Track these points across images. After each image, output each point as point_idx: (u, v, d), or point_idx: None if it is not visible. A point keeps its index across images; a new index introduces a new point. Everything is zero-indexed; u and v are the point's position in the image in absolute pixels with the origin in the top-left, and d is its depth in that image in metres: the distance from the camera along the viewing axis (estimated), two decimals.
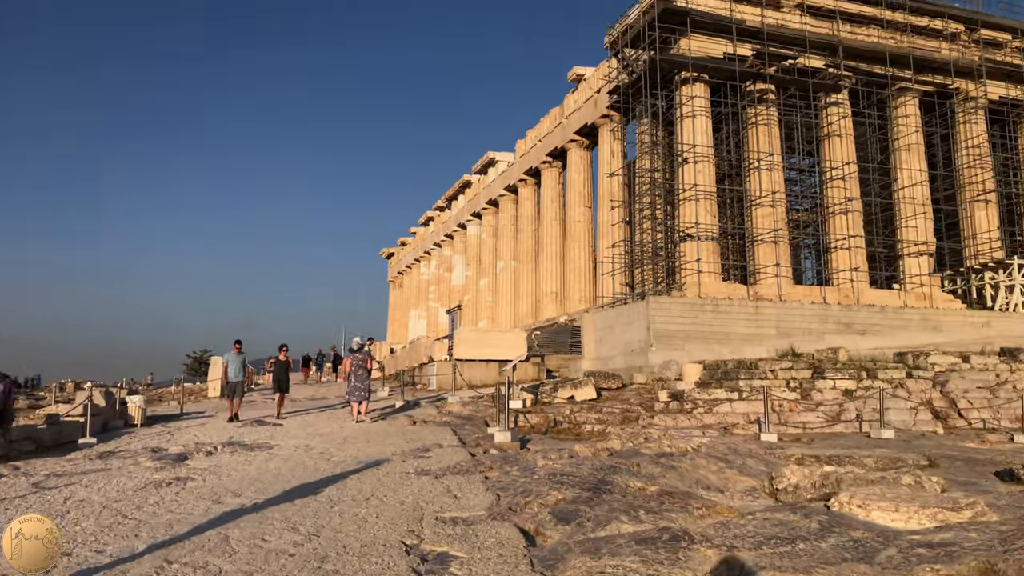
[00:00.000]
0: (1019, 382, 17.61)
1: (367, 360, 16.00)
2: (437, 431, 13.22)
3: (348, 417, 16.03)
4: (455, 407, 16.51)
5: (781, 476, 7.09)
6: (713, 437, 10.03)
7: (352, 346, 16.31)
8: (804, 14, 29.54)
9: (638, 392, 17.72)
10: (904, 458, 8.54)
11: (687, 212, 27.55)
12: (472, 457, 9.79)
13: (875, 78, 30.48)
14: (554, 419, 14.27)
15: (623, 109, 31.40)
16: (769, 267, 27.46)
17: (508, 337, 22.97)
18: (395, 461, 9.80)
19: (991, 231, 31.31)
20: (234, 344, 16.69)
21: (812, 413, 15.09)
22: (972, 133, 32.07)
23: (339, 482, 8.45)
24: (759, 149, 28.60)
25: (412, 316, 63.31)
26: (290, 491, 8.02)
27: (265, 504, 7.37)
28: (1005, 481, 7.85)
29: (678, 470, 7.64)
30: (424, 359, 24.65)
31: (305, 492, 7.93)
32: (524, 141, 43.44)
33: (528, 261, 42.68)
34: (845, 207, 29.17)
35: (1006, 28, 32.56)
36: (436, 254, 59.92)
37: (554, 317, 37.14)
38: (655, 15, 27.11)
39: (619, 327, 23.36)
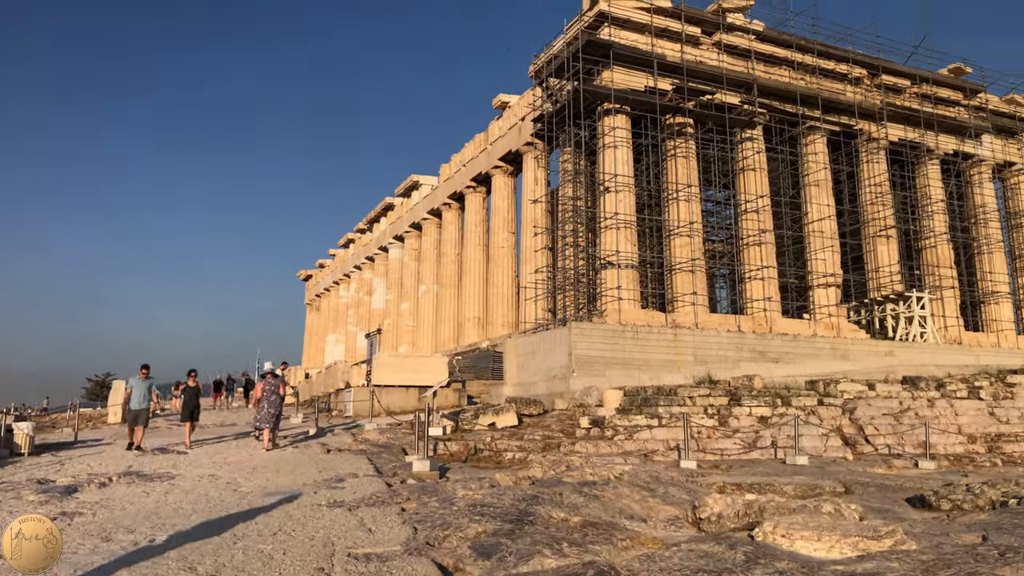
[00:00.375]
0: (920, 409, 18.35)
1: (280, 385, 15.35)
2: (352, 460, 12.70)
3: (258, 445, 15.30)
4: (372, 434, 15.99)
5: (704, 505, 7.01)
6: (635, 465, 9.95)
7: (263, 370, 15.61)
8: (722, 52, 30.58)
9: (559, 418, 17.59)
10: (821, 485, 8.64)
11: (608, 240, 27.87)
12: (388, 487, 9.38)
13: (787, 116, 31.77)
14: (475, 447, 13.96)
15: (547, 137, 31.72)
16: (687, 295, 28.01)
17: (429, 362, 22.54)
18: (306, 492, 9.30)
19: (892, 265, 32.89)
20: (140, 369, 15.74)
21: (729, 440, 15.27)
22: (874, 172, 33.75)
23: (244, 515, 7.92)
24: (678, 180, 29.29)
25: (330, 340, 61.83)
26: (190, 526, 7.45)
27: (161, 541, 6.80)
28: (917, 507, 8.00)
29: (601, 499, 7.47)
30: (341, 384, 23.93)
31: (207, 527, 7.38)
32: (448, 165, 43.32)
33: (451, 286, 42.36)
34: (759, 239, 30.13)
35: (905, 75, 34.56)
36: (356, 277, 58.86)
37: (476, 342, 36.86)
38: (579, 47, 27.53)
39: (541, 353, 23.29)
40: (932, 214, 34.30)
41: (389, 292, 51.16)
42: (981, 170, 36.36)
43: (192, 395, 16.30)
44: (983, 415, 18.95)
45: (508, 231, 37.06)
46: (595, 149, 30.23)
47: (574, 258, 29.23)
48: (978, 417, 18.78)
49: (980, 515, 6.44)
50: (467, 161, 40.53)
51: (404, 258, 49.36)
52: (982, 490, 7.60)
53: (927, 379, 21.26)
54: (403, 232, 49.09)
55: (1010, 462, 15.77)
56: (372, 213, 54.68)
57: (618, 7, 28.43)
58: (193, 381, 16.91)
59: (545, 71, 30.18)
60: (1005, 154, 37.11)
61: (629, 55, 28.29)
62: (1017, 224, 37.34)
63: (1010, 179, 37.95)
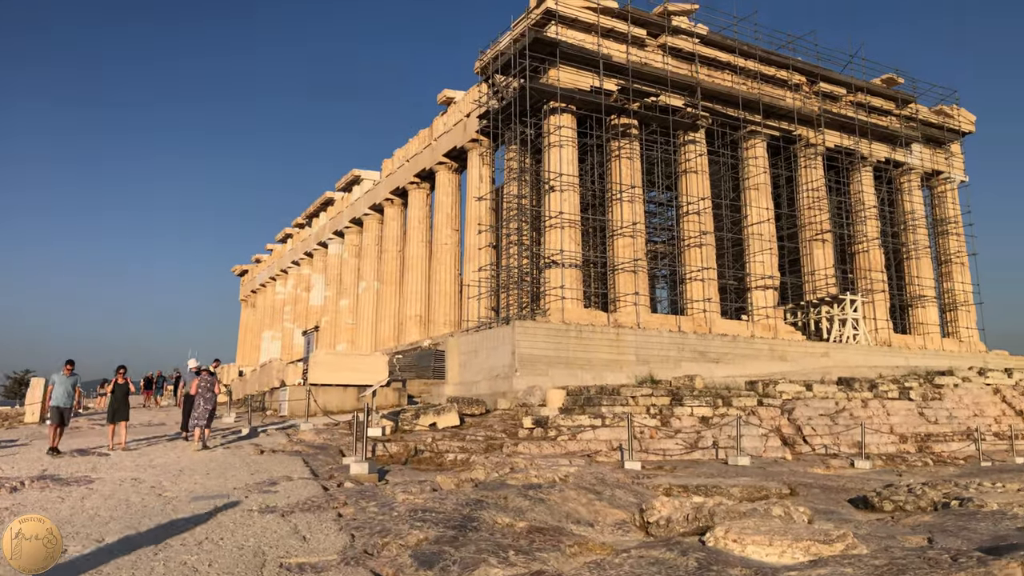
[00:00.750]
0: (855, 409, 18.74)
1: (215, 383, 14.69)
2: (287, 461, 12.19)
3: (187, 446, 14.61)
4: (308, 435, 15.45)
5: (652, 509, 6.85)
6: (580, 466, 9.76)
7: (189, 366, 14.91)
8: (666, 54, 30.81)
9: (502, 418, 17.34)
10: (767, 487, 8.59)
11: (552, 239, 27.76)
12: (325, 491, 8.96)
13: (729, 120, 32.20)
14: (415, 448, 13.59)
15: (492, 134, 31.45)
16: (629, 295, 28.11)
17: (368, 361, 22.01)
18: (237, 496, 8.80)
19: (827, 268, 33.70)
20: (65, 364, 14.81)
21: (672, 440, 15.26)
22: (812, 177, 34.53)
23: (168, 523, 7.42)
24: (622, 181, 29.37)
25: (265, 337, 60.29)
26: (107, 535, 6.92)
27: (73, 554, 6.28)
28: (860, 508, 8.01)
29: (547, 503, 7.23)
30: (276, 383, 23.20)
31: (126, 536, 6.87)
32: (391, 160, 42.63)
33: (392, 283, 41.69)
34: (700, 240, 30.47)
35: (841, 83, 35.47)
36: (294, 273, 57.53)
37: (418, 341, 36.33)
38: (526, 44, 27.33)
39: (484, 351, 23.00)
40: (865, 220, 35.28)
41: (328, 289, 50.12)
42: (911, 178, 37.59)
43: (122, 393, 15.39)
44: (913, 415, 19.47)
45: (452, 228, 36.64)
46: (540, 147, 30.10)
47: (518, 256, 29.04)
48: (909, 417, 19.29)
49: (923, 516, 6.44)
50: (411, 156, 39.95)
51: (344, 254, 48.43)
52: (923, 491, 7.65)
53: (861, 380, 21.77)
54: (343, 228, 48.15)
55: (940, 461, 16.19)
56: (311, 208, 53.51)
57: (565, 6, 28.34)
58: (123, 378, 16.03)
59: (491, 67, 29.90)
60: (933, 163, 38.45)
61: (576, 54, 28.24)
62: (943, 231, 38.73)
63: (937, 187, 39.35)
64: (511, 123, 29.59)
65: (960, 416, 20.23)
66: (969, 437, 19.03)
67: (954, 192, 39.15)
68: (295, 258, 56.83)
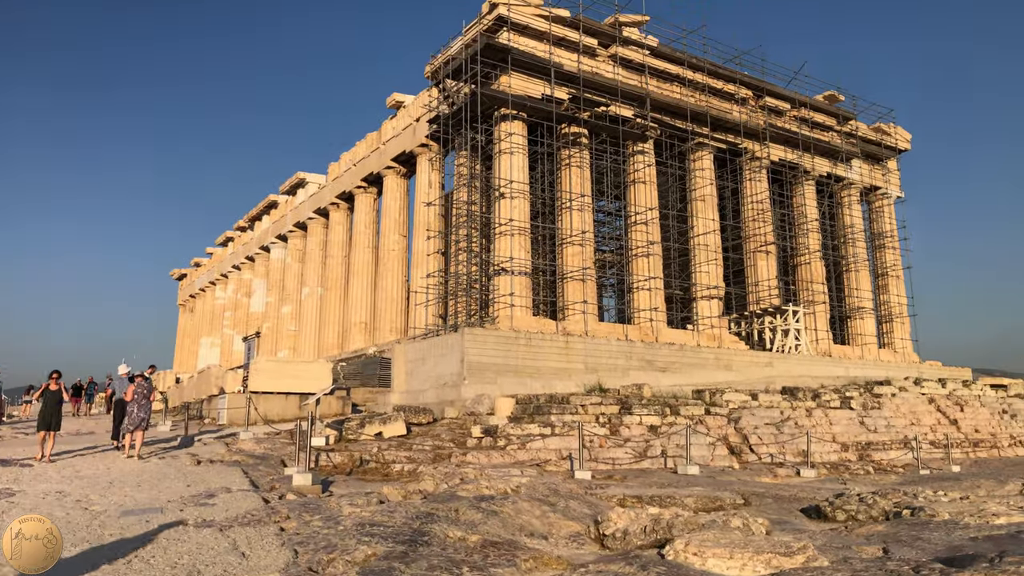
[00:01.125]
0: (800, 419, 19.00)
1: (151, 390, 14.01)
2: (225, 472, 11.67)
3: (117, 456, 13.90)
4: (248, 444, 14.89)
5: (607, 520, 6.67)
6: (532, 476, 9.55)
7: (120, 372, 14.21)
8: (617, 65, 31.01)
9: (450, 427, 17.03)
10: (721, 497, 8.52)
11: (502, 246, 27.58)
12: (266, 504, 8.54)
13: (677, 131, 32.57)
14: (360, 458, 13.18)
15: (443, 140, 31.16)
16: (577, 304, 28.09)
17: (311, 368, 21.43)
18: (171, 510, 8.31)
19: (771, 279, 34.33)
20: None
21: (621, 449, 15.18)
22: (756, 190, 35.17)
23: (94, 540, 6.93)
24: (571, 190, 29.39)
25: (204, 343, 58.58)
26: None
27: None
28: (813, 518, 7.99)
29: (500, 515, 6.98)
30: (215, 390, 22.43)
31: None
32: (338, 164, 41.94)
33: (337, 289, 40.94)
34: (647, 250, 30.67)
35: (786, 98, 36.27)
36: (235, 277, 56.08)
37: (363, 348, 35.71)
38: (478, 49, 27.16)
39: (432, 359, 22.65)
40: (807, 232, 36.07)
41: (270, 294, 48.98)
42: (851, 192, 38.63)
43: (53, 400, 14.48)
44: (854, 424, 19.84)
45: (399, 234, 36.18)
46: (491, 154, 29.92)
47: (467, 263, 28.77)
48: (850, 426, 19.64)
49: (876, 526, 6.42)
50: (358, 160, 39.35)
51: (287, 259, 47.41)
52: (874, 501, 7.66)
53: (804, 390, 22.13)
54: (287, 232, 47.14)
55: (881, 470, 16.50)
56: (254, 211, 52.28)
57: (517, 13, 28.28)
58: (56, 384, 15.13)
59: (442, 72, 29.62)
60: (871, 179, 39.61)
61: (527, 61, 28.18)
62: (880, 245, 39.89)
63: (875, 202, 40.54)
64: (462, 128, 29.36)
65: (898, 425, 20.71)
66: (907, 446, 19.49)
67: (891, 207, 40.38)
68: (236, 262, 55.42)
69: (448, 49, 30.34)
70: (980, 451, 20.91)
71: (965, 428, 22.09)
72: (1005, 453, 21.48)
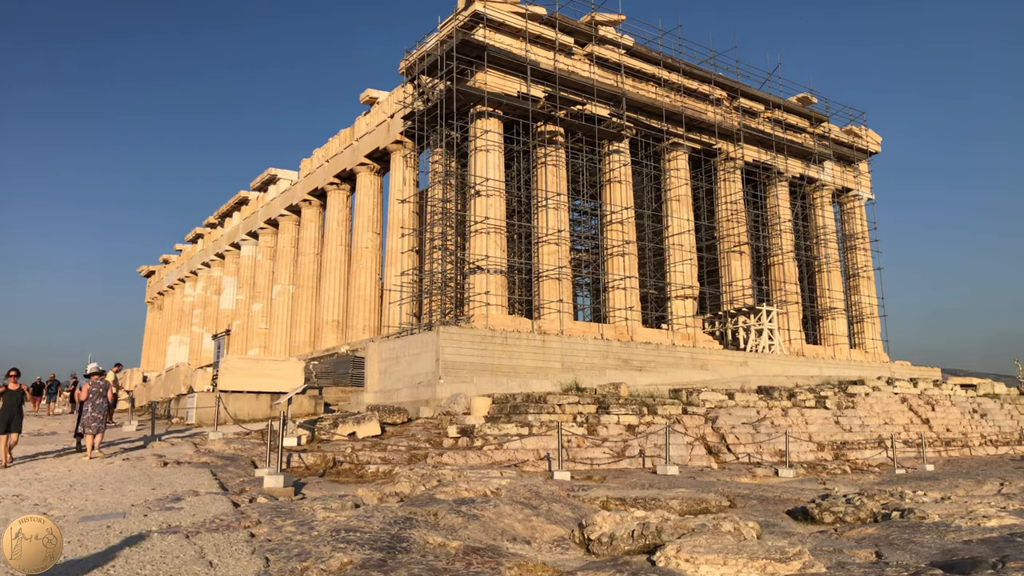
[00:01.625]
0: (776, 418, 18.99)
1: (108, 388, 13.52)
2: (193, 474, 11.26)
3: (79, 457, 13.40)
4: (217, 445, 14.46)
5: (593, 524, 6.44)
6: (512, 478, 9.31)
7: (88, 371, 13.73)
8: (593, 64, 30.89)
9: (425, 427, 16.72)
10: (707, 499, 8.35)
11: (478, 244, 27.31)
12: (235, 508, 8.19)
13: (652, 131, 32.54)
14: (334, 459, 12.84)
15: (417, 136, 30.79)
16: (553, 303, 27.92)
17: (283, 367, 20.98)
18: (134, 515, 7.93)
19: (744, 279, 34.45)
20: None
21: (599, 449, 15.00)
22: (730, 190, 35.28)
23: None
24: (547, 188, 29.20)
25: (172, 341, 57.51)
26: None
27: None
28: (800, 520, 7.85)
29: (481, 520, 6.72)
30: (183, 389, 21.87)
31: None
32: (310, 160, 41.34)
33: (309, 287, 40.35)
34: (622, 249, 30.59)
35: (760, 99, 36.42)
36: (204, 274, 55.12)
37: (335, 347, 35.21)
38: (453, 45, 26.86)
39: (406, 358, 22.30)
40: (781, 233, 36.27)
41: (240, 292, 48.17)
42: (823, 194, 38.93)
43: (13, 400, 13.87)
44: (830, 424, 19.89)
45: (373, 231, 35.74)
46: (466, 152, 29.64)
47: (442, 261, 28.46)
48: (825, 426, 19.68)
49: (867, 529, 6.28)
50: (331, 156, 38.82)
51: (258, 256, 46.66)
52: (861, 502, 7.54)
53: (780, 389, 22.16)
54: (258, 228, 46.39)
55: (857, 469, 16.51)
56: (224, 207, 51.39)
57: (494, 9, 28.02)
58: (15, 383, 14.53)
59: (417, 68, 29.27)
60: (843, 180, 39.97)
61: (504, 58, 27.94)
62: (851, 246, 40.27)
63: (846, 204, 40.92)
64: (437, 125, 29.05)
65: (872, 424, 20.81)
66: (881, 445, 19.58)
67: (862, 209, 40.78)
68: (206, 259, 54.46)
69: (423, 45, 30.00)
70: (952, 450, 21.09)
71: (937, 427, 22.28)
72: (976, 452, 21.68)
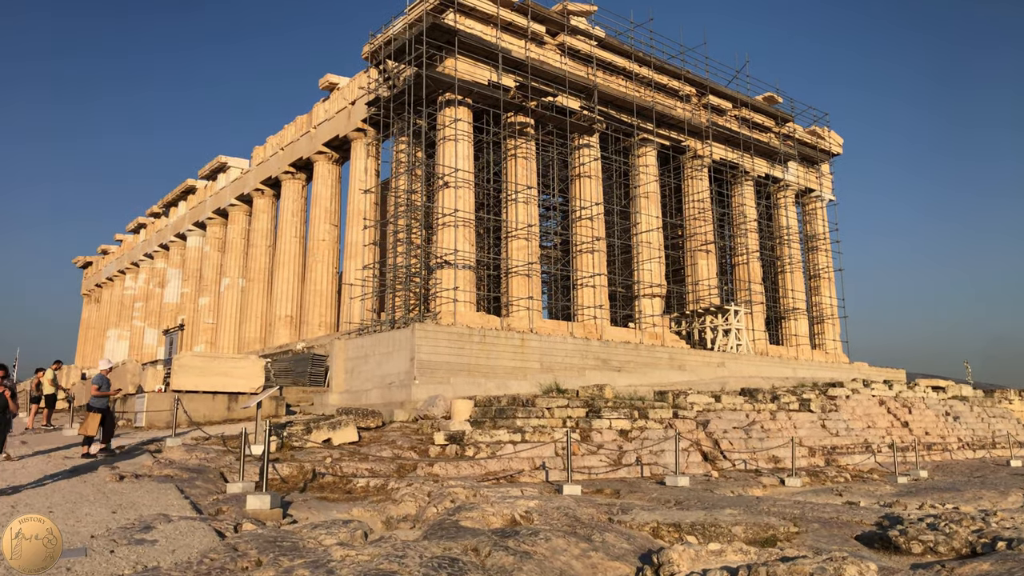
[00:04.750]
0: (764, 422, 18.38)
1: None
2: (157, 491, 9.88)
3: (4, 467, 11.79)
4: (177, 453, 13.03)
5: (668, 562, 5.47)
6: (536, 498, 8.26)
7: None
8: (564, 55, 30.01)
9: (403, 432, 15.52)
10: (772, 524, 7.44)
11: (446, 238, 26.15)
12: (221, 538, 6.93)
13: (623, 126, 31.81)
14: (313, 470, 11.58)
15: (382, 124, 29.41)
16: (523, 300, 26.96)
17: (242, 365, 19.48)
18: (99, 552, 6.58)
19: (711, 279, 34.06)
20: None
21: (595, 456, 14.07)
22: (698, 188, 34.84)
23: None
24: (518, 181, 28.21)
25: (111, 336, 54.62)
26: None
27: None
28: (878, 550, 7.00)
29: (534, 558, 5.67)
30: (131, 388, 20.17)
31: None
32: (263, 148, 39.44)
33: (260, 280, 38.48)
34: (592, 246, 29.80)
35: (728, 97, 36.07)
36: (147, 266, 52.44)
37: (288, 344, 33.55)
38: (423, 29, 25.62)
39: (376, 357, 21.01)
40: (746, 232, 36.02)
41: (186, 285, 45.86)
42: (787, 194, 38.88)
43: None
44: (817, 428, 19.40)
45: (331, 223, 34.17)
46: (433, 141, 28.42)
47: (406, 255, 27.20)
48: (813, 430, 19.18)
49: (980, 564, 5.46)
50: (286, 144, 37.05)
51: (206, 248, 44.46)
52: (952, 529, 6.74)
53: (763, 391, 21.62)
54: (206, 219, 44.18)
55: (858, 477, 15.96)
56: (170, 196, 48.89)
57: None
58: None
59: (383, 52, 27.90)
60: (806, 181, 40.01)
61: (475, 45, 26.82)
62: (813, 247, 40.36)
63: (808, 204, 41.01)
64: (403, 113, 27.75)
65: (856, 428, 20.44)
66: (869, 450, 19.19)
67: (823, 210, 40.92)
68: (149, 250, 51.81)
69: (390, 28, 28.63)
70: (934, 454, 20.88)
71: (916, 431, 22.08)
72: (956, 456, 21.54)
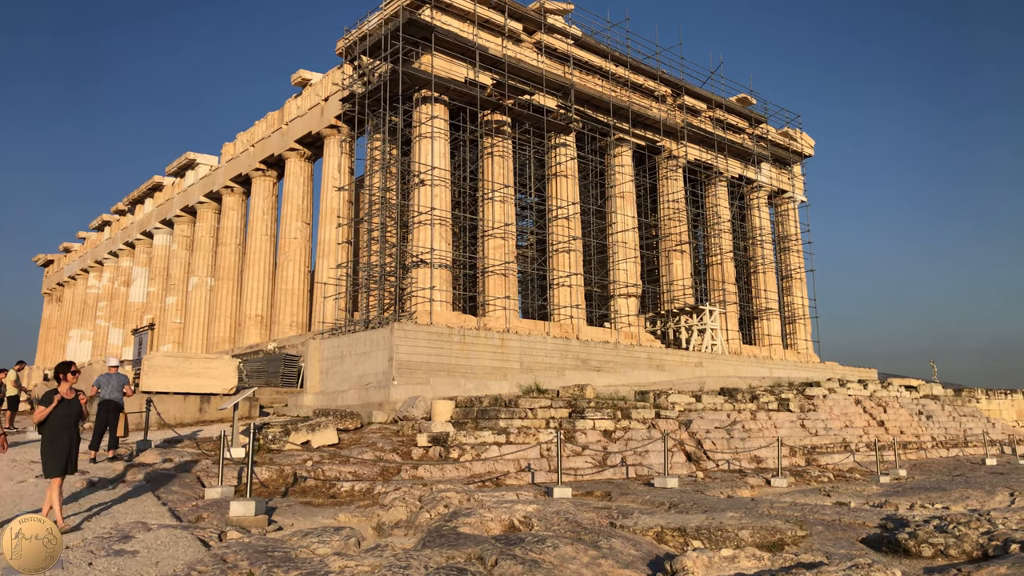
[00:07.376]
0: (745, 422, 18.36)
1: None
2: (132, 497, 9.47)
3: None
4: (151, 456, 12.57)
5: (683, 569, 5.28)
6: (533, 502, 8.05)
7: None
8: (541, 53, 29.83)
9: (383, 434, 15.19)
10: (779, 528, 7.29)
11: (422, 236, 25.80)
12: (207, 548, 6.59)
13: (599, 125, 31.72)
14: (294, 473, 11.22)
15: (356, 121, 28.95)
16: (499, 299, 26.72)
17: (214, 365, 18.96)
18: (76, 564, 6.21)
19: (685, 279, 34.13)
20: None
21: (580, 457, 13.88)
22: (672, 188, 34.90)
23: None
24: (494, 180, 27.96)
25: (73, 336, 53.22)
26: None
27: None
28: (886, 553, 6.89)
29: (543, 567, 5.44)
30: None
31: None
32: (233, 145, 38.69)
33: (230, 279, 37.74)
34: (568, 246, 29.66)
35: (703, 98, 36.20)
36: (112, 265, 51.19)
37: (259, 344, 32.93)
38: (399, 24, 25.25)
39: (352, 357, 20.61)
40: (720, 233, 36.18)
41: (152, 284, 44.84)
42: (759, 195, 39.14)
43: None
44: (797, 427, 19.44)
45: (303, 221, 33.63)
46: (409, 139, 28.06)
47: (381, 254, 26.79)
48: (793, 429, 19.22)
49: (998, 568, 5.35)
50: (257, 141, 36.38)
51: (173, 246, 43.50)
52: (961, 532, 6.65)
53: (742, 391, 21.64)
54: (173, 216, 43.23)
55: (840, 476, 15.99)
56: (136, 193, 47.77)
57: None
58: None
59: (358, 48, 27.46)
60: (779, 182, 40.33)
61: (452, 41, 26.51)
62: (785, 247, 40.70)
63: (781, 205, 41.36)
64: (377, 110, 27.34)
65: (834, 427, 20.54)
66: (847, 449, 19.29)
67: (795, 211, 41.28)
68: (114, 248, 50.57)
69: (365, 24, 28.22)
70: (910, 453, 21.08)
71: (892, 430, 22.27)
72: (931, 455, 21.77)
